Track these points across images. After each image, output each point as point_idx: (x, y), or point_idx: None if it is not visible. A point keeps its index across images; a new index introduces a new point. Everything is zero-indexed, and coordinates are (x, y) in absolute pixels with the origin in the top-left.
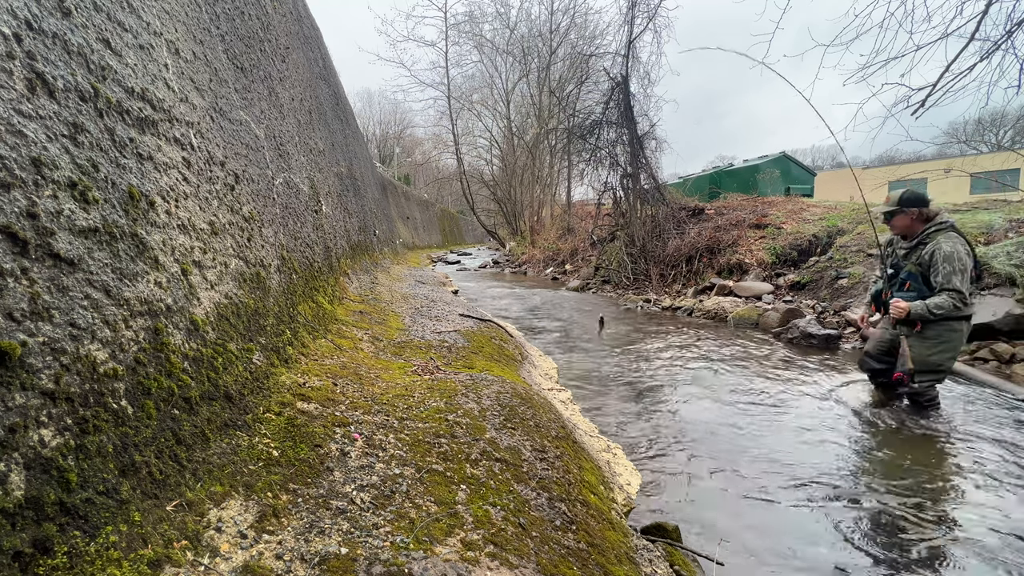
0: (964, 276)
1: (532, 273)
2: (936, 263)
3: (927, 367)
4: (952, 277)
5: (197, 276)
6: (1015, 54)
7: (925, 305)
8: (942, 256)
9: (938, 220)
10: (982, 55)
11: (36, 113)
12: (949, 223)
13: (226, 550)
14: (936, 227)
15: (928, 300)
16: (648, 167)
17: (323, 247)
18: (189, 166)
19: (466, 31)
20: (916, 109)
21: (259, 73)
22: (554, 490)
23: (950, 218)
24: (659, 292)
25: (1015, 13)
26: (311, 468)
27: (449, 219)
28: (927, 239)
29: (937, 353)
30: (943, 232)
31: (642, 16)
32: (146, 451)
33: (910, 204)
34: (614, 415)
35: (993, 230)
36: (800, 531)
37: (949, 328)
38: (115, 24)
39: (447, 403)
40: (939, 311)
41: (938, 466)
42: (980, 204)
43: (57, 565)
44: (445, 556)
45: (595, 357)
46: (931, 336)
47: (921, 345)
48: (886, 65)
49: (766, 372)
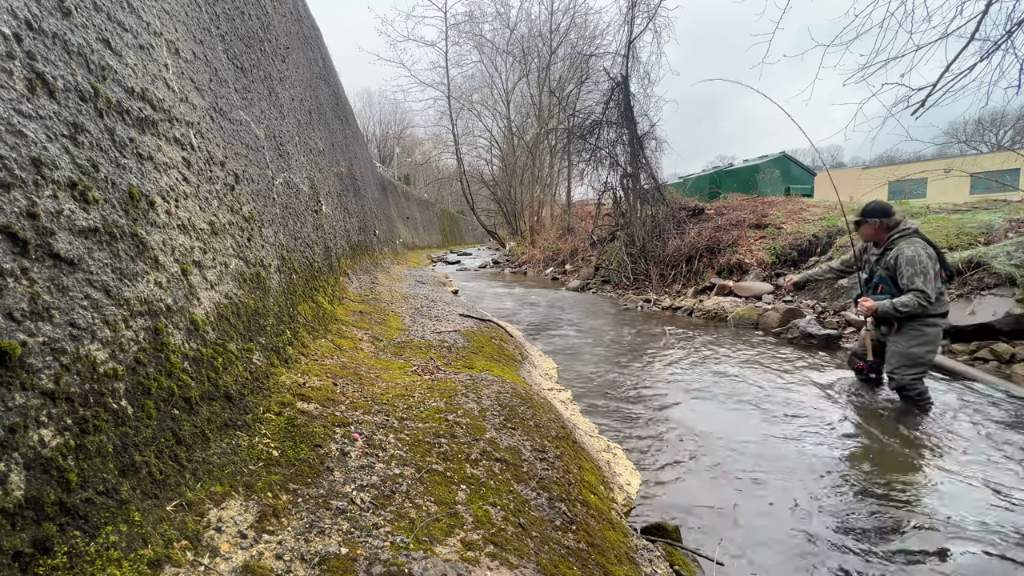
0: (927, 277)
1: (532, 273)
2: (900, 266)
3: (908, 360)
4: (915, 278)
5: (197, 276)
6: (1015, 54)
7: (892, 304)
8: (905, 260)
9: (901, 227)
10: (982, 55)
11: (36, 113)
12: (912, 228)
13: (226, 550)
14: (899, 233)
15: (895, 299)
16: (648, 167)
17: (323, 247)
18: (189, 166)
19: (466, 31)
20: (916, 109)
21: (259, 73)
22: (554, 490)
23: (913, 223)
24: (659, 292)
25: (1015, 13)
26: (311, 468)
27: (449, 219)
28: (892, 245)
29: (916, 347)
30: (906, 238)
31: (642, 16)
32: (146, 451)
33: (871, 215)
34: (614, 415)
35: (993, 230)
36: (800, 531)
37: (924, 324)
38: (115, 24)
39: (447, 403)
40: (904, 308)
41: (939, 466)
42: (980, 204)
43: (57, 565)
44: (445, 556)
45: (595, 357)
46: (909, 333)
47: (901, 341)
48: (886, 65)
49: (766, 372)
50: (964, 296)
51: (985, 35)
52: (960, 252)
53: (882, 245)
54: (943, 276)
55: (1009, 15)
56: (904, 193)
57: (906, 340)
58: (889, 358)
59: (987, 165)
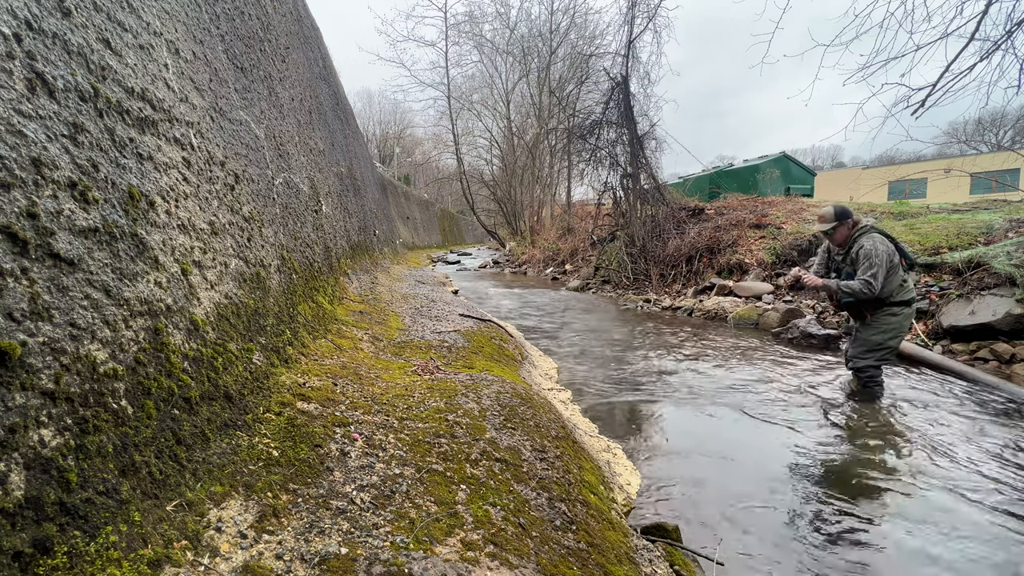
0: (880, 268)
1: (532, 273)
2: (859, 260)
3: (868, 346)
4: (868, 269)
5: (197, 276)
6: (1015, 54)
7: (838, 283)
8: (863, 254)
9: (860, 226)
10: (982, 55)
11: (36, 113)
12: (868, 225)
13: (226, 550)
14: (859, 231)
15: (843, 281)
16: (648, 167)
17: (323, 247)
18: (189, 166)
19: (466, 31)
20: (916, 109)
21: (259, 73)
22: (554, 490)
23: (868, 221)
24: (659, 292)
25: (1015, 13)
26: (311, 468)
27: (449, 219)
28: (853, 242)
29: (879, 334)
30: (865, 234)
31: (642, 16)
32: (146, 451)
33: (844, 217)
34: (614, 415)
35: (993, 230)
36: (801, 531)
37: (888, 314)
38: (115, 24)
39: (447, 403)
40: (847, 289)
41: (940, 467)
42: (980, 204)
43: (57, 565)
44: (445, 556)
45: (595, 357)
46: (875, 324)
47: (867, 331)
48: (886, 65)
49: (766, 372)
50: (964, 296)
51: (985, 35)
52: (960, 252)
53: (845, 245)
54: (904, 265)
55: (1009, 15)
56: (904, 193)
57: (870, 331)
58: (853, 343)
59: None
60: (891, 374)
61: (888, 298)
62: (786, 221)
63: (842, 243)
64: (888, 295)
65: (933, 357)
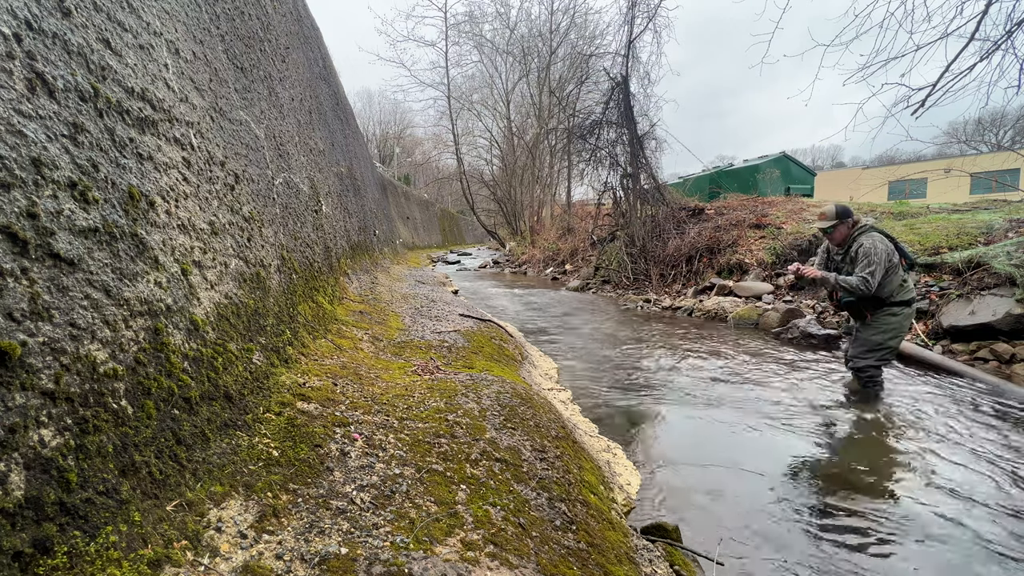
0: (877, 267)
1: (532, 273)
2: (858, 258)
3: (871, 346)
4: (867, 267)
5: (197, 276)
6: (1015, 54)
7: (835, 277)
8: (862, 252)
9: (860, 225)
10: (982, 55)
11: (36, 113)
12: (868, 224)
13: (226, 550)
14: (859, 231)
15: (841, 276)
16: (648, 167)
17: (323, 247)
18: (189, 166)
19: (466, 31)
20: (916, 109)
21: (259, 73)
22: (554, 490)
23: (868, 220)
24: (659, 292)
25: (1015, 13)
26: (311, 468)
27: (449, 219)
28: (853, 242)
29: (879, 334)
30: (864, 233)
31: (642, 16)
32: (146, 451)
33: (845, 215)
34: (614, 415)
35: (993, 230)
36: (801, 531)
37: (888, 314)
38: (115, 24)
39: (447, 403)
40: (844, 284)
41: (940, 467)
42: (980, 204)
43: (57, 565)
44: (445, 556)
45: (595, 357)
46: (875, 324)
47: (867, 331)
48: (886, 65)
49: (767, 373)
50: (964, 296)
51: (985, 35)
52: (960, 252)
53: (845, 244)
54: (904, 265)
55: (1009, 15)
56: (904, 193)
57: (870, 330)
58: (853, 343)
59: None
60: (891, 374)
61: (888, 298)
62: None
63: (841, 242)
64: (888, 295)
65: (933, 357)
